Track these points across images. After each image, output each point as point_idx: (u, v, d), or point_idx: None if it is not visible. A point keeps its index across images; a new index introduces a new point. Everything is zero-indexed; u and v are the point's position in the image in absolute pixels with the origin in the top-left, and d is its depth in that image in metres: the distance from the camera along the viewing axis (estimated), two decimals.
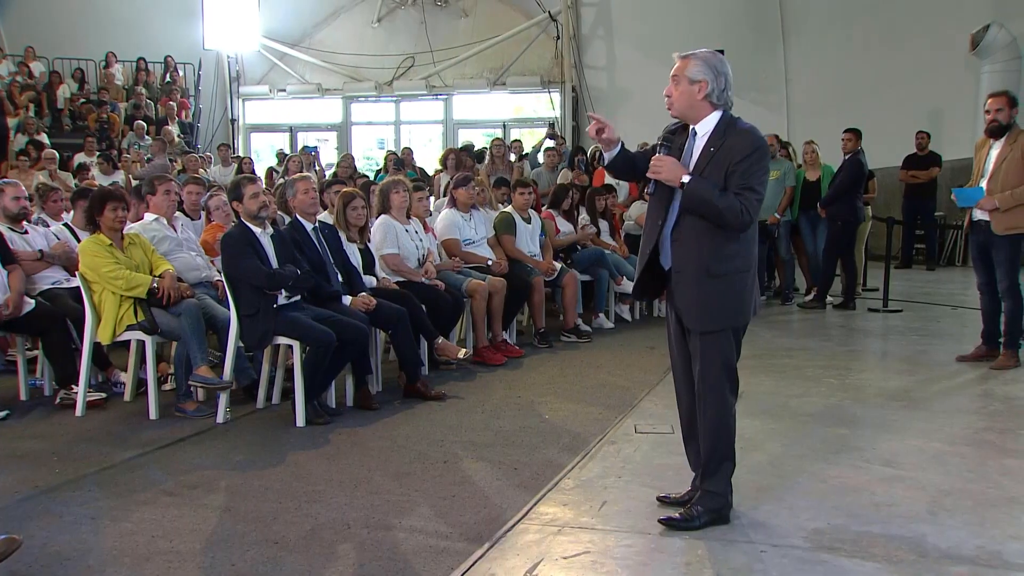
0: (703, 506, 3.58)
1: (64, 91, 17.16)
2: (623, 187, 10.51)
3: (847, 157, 9.43)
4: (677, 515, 3.60)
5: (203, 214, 7.03)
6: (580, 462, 4.47)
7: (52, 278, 6.32)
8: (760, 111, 14.58)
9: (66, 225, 6.85)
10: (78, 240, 6.39)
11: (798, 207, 10.10)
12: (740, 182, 3.41)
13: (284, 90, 19.38)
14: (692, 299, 3.55)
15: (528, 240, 8.03)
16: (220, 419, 5.39)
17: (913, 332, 8.14)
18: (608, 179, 10.46)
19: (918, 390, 5.95)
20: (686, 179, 3.45)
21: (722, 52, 3.70)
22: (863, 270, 10.76)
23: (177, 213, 6.58)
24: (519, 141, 14.92)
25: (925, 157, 13.25)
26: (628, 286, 8.73)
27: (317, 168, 13.39)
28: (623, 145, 3.69)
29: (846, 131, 9.46)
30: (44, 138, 14.98)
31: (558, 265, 8.17)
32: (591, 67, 18.03)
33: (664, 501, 3.81)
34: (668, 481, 4.03)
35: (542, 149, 12.41)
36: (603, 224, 9.25)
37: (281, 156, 15.21)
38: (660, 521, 3.60)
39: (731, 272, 3.49)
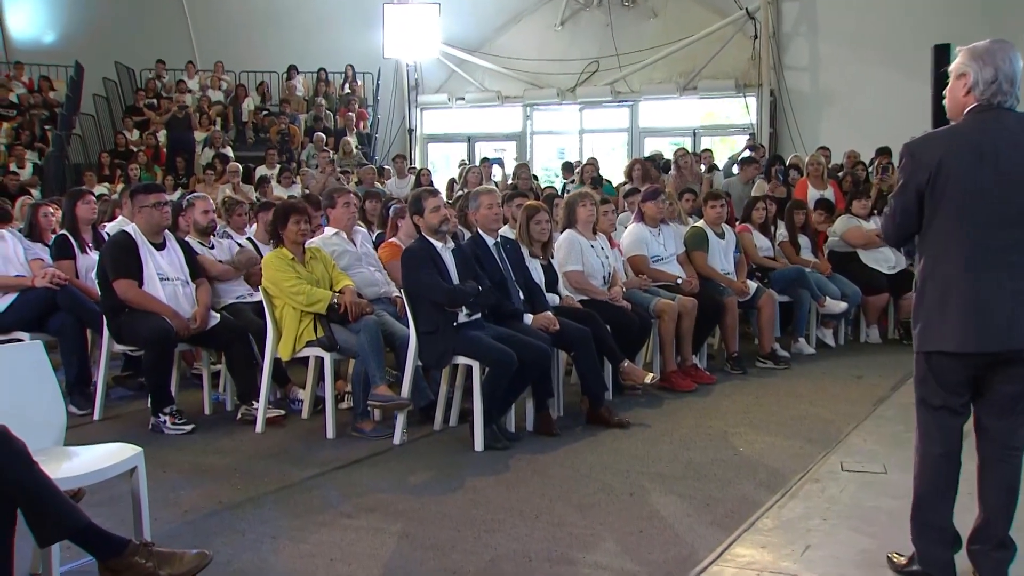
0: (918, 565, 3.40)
1: (248, 104, 18.28)
2: None
3: None
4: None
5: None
6: (779, 500, 4.37)
7: (236, 292, 6.71)
8: None
9: (249, 239, 7.25)
10: (260, 254, 6.74)
11: None
12: None
13: (463, 98, 19.77)
14: None
15: (721, 257, 7.90)
16: (397, 440, 5.55)
17: None
18: (812, 191, 10.15)
19: None
20: None
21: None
22: None
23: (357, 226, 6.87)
24: (709, 151, 14.70)
25: None
26: (832, 307, 8.44)
27: (498, 180, 13.63)
28: None
29: None
30: (229, 151, 16.01)
31: (753, 284, 8.00)
32: (792, 68, 17.52)
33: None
34: (881, 526, 3.86)
35: (739, 160, 12.17)
36: (804, 240, 8.99)
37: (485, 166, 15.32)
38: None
39: (916, 291, 3.35)
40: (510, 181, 13.20)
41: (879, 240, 8.98)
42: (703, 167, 13.05)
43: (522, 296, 6.05)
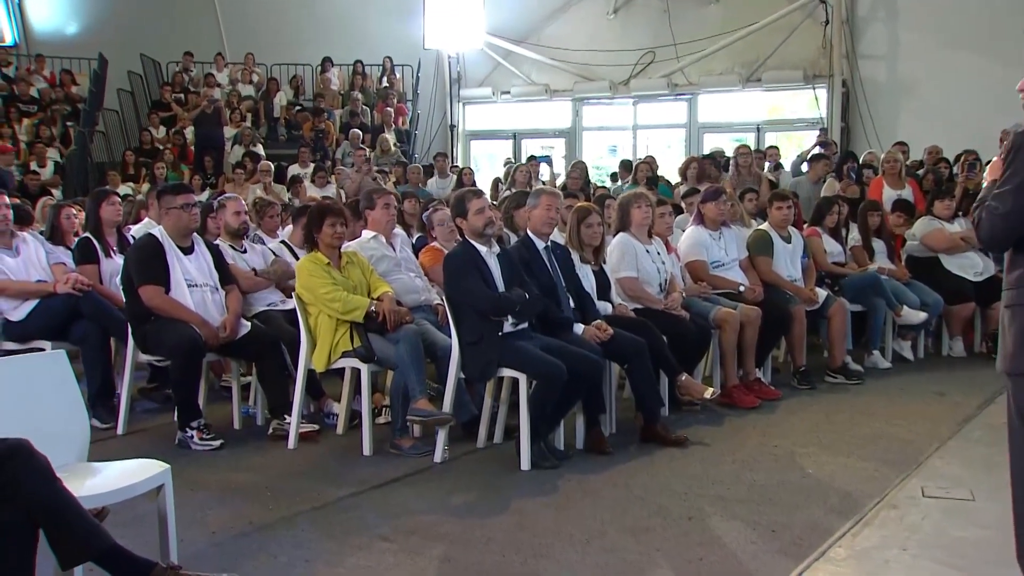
0: None
1: (280, 99, 18.48)
2: None
3: None
4: None
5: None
6: (853, 528, 4.32)
7: (268, 299, 6.77)
8: None
9: (283, 242, 7.31)
10: (296, 258, 6.80)
11: None
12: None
13: (508, 92, 19.78)
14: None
15: (787, 262, 7.84)
16: (438, 458, 5.56)
17: None
18: (888, 191, 10.04)
19: None
20: None
21: None
22: None
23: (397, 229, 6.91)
24: (775, 147, 14.58)
25: None
26: (911, 317, 8.32)
27: (546, 179, 13.63)
28: None
29: None
30: (260, 149, 16.19)
31: (823, 292, 7.92)
32: (867, 56, 17.30)
33: None
34: (969, 559, 3.80)
35: (808, 157, 12.07)
36: (878, 244, 8.88)
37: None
38: None
39: (1014, 303, 3.18)
40: (559, 180, 13.20)
41: (964, 244, 8.85)
42: (767, 164, 12.96)
43: (572, 304, 6.05)
